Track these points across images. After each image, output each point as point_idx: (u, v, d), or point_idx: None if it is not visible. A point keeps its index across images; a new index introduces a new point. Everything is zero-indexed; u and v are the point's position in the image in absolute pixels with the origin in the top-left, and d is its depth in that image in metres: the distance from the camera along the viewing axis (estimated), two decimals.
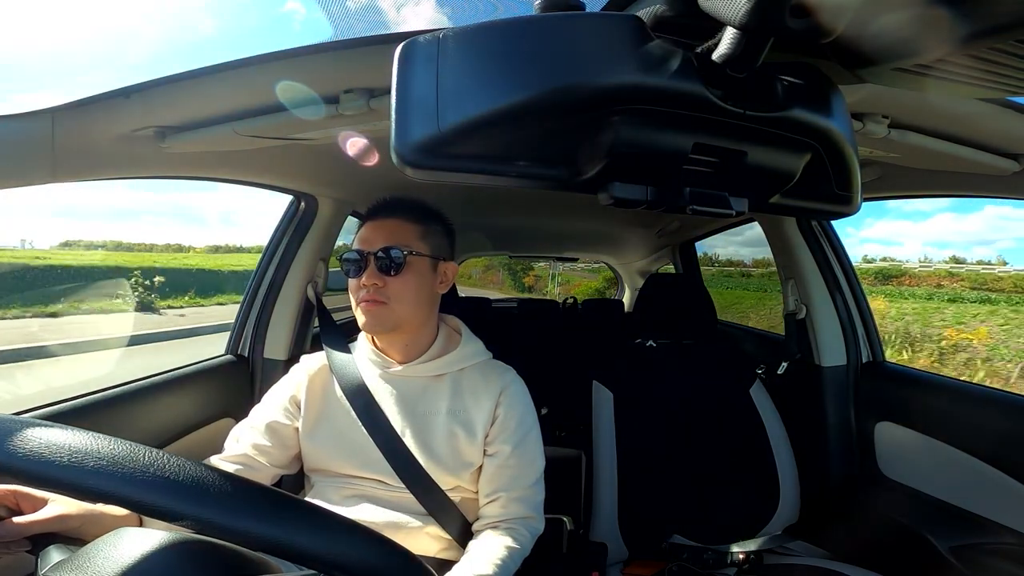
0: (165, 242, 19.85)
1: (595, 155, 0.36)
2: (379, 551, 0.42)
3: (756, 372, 1.47)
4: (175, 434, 1.19)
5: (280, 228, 1.54)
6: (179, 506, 0.38)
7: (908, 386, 1.36)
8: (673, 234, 2.83)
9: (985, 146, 0.91)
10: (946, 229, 29.19)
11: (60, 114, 0.75)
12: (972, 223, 28.34)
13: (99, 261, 11.57)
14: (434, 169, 0.33)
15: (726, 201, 0.40)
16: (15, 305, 6.44)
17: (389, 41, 0.66)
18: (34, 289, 7.20)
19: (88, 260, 11.05)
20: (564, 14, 0.33)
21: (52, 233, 35.88)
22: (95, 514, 0.58)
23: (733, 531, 1.29)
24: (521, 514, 0.95)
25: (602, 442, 1.34)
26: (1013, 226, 21.37)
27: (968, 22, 0.29)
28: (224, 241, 27.80)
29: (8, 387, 3.73)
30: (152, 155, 0.93)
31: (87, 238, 16.66)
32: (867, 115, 0.83)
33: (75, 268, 8.90)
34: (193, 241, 26.64)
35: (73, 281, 7.59)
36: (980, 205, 43.84)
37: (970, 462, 1.14)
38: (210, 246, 18.23)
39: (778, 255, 1.58)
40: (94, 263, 11.03)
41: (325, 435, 0.98)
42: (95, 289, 7.68)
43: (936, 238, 30.25)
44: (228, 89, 0.78)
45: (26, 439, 0.38)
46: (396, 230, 0.96)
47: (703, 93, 0.34)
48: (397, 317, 0.95)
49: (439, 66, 0.32)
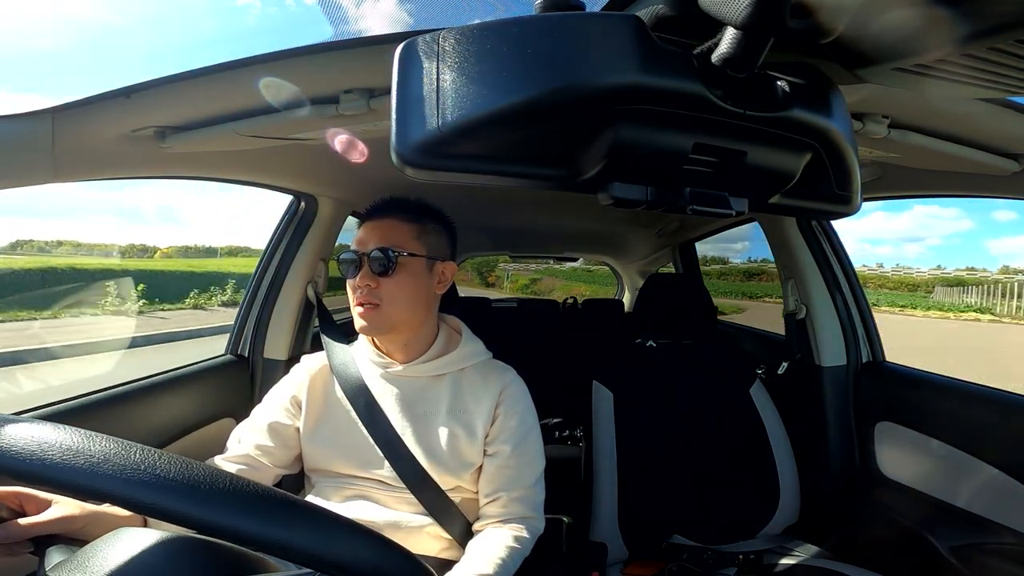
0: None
1: (595, 155, 0.36)
2: (379, 551, 0.42)
3: (756, 372, 1.47)
4: (175, 434, 1.19)
5: (280, 228, 1.54)
6: (181, 507, 0.38)
7: (908, 386, 1.36)
8: (673, 234, 2.83)
9: (985, 146, 0.91)
10: (880, 227, 29.62)
11: (60, 114, 0.75)
12: (903, 221, 28.77)
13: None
14: (434, 169, 0.33)
15: (726, 201, 0.40)
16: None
17: (389, 41, 0.67)
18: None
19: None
20: (564, 14, 0.33)
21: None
22: (99, 515, 0.58)
23: (733, 531, 1.29)
24: (521, 514, 0.95)
25: (602, 442, 1.34)
26: (939, 224, 22.00)
27: (968, 22, 0.29)
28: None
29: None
30: (152, 155, 0.93)
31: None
32: (867, 115, 0.83)
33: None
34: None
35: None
36: (910, 205, 44.86)
37: (970, 462, 1.14)
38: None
39: (778, 255, 1.58)
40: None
41: (326, 435, 0.98)
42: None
43: (872, 235, 30.56)
44: (228, 89, 0.78)
45: (27, 439, 0.38)
46: (391, 231, 0.96)
47: (703, 93, 0.34)
48: (390, 319, 0.95)
49: (439, 66, 0.32)
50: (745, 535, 1.29)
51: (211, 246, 16.85)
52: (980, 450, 1.13)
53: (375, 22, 0.71)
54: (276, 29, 34.28)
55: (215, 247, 16.06)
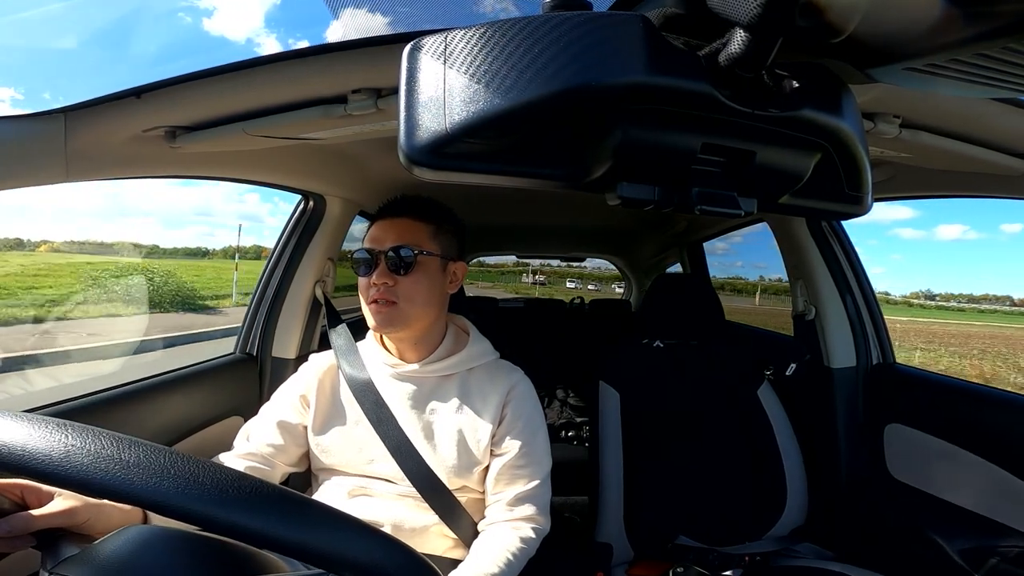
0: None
1: (603, 155, 0.36)
2: (385, 550, 0.42)
3: (764, 373, 1.47)
4: (184, 432, 1.20)
5: (289, 227, 1.55)
6: (189, 504, 0.38)
7: (919, 388, 1.34)
8: (681, 234, 2.82)
9: (997, 146, 0.90)
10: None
11: (72, 114, 0.76)
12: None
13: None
14: (441, 169, 0.33)
15: (735, 201, 0.40)
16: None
17: (396, 41, 0.67)
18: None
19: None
20: (571, 14, 0.33)
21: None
22: (102, 509, 0.59)
23: (740, 532, 1.28)
24: (527, 514, 0.95)
25: (608, 442, 1.33)
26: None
27: (981, 21, 0.28)
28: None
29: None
30: (163, 155, 0.94)
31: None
32: (878, 115, 0.82)
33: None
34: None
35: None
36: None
37: (981, 465, 1.13)
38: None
39: (787, 255, 1.57)
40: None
41: (334, 434, 0.98)
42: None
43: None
44: (238, 89, 0.79)
45: (34, 436, 0.39)
46: (407, 229, 0.96)
47: (712, 93, 0.34)
48: (406, 317, 0.95)
49: (446, 66, 0.33)
50: (752, 536, 1.28)
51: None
52: (991, 453, 1.12)
53: (383, 22, 0.71)
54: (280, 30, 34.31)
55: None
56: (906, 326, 35.27)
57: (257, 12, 35.26)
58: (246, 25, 50.71)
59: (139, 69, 28.58)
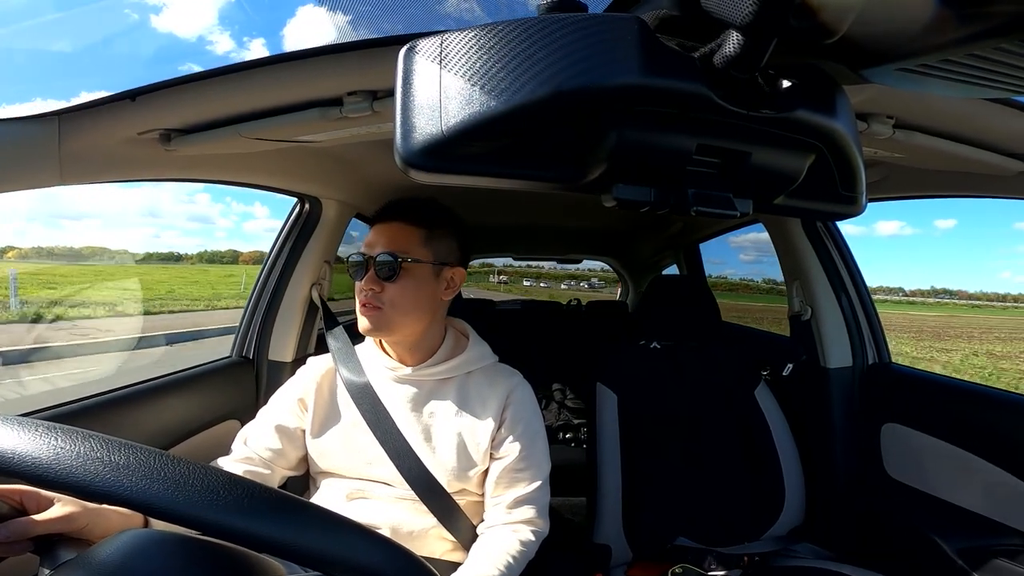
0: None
1: (598, 156, 0.36)
2: (383, 554, 0.42)
3: (761, 374, 1.47)
4: (180, 435, 1.19)
5: (285, 231, 1.54)
6: (179, 507, 0.38)
7: (915, 388, 1.35)
8: (677, 236, 2.82)
9: (991, 146, 0.91)
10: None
11: (66, 117, 0.75)
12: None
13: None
14: (437, 171, 0.33)
15: (730, 202, 0.40)
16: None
17: (392, 43, 0.67)
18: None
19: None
20: (566, 16, 0.33)
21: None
22: (101, 514, 0.58)
23: (738, 533, 1.28)
24: (526, 517, 0.95)
25: (606, 444, 1.33)
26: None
27: (973, 22, 0.28)
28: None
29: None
30: (157, 158, 0.94)
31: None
32: (872, 115, 0.83)
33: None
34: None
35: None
36: None
37: (977, 464, 1.13)
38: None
39: (783, 256, 1.57)
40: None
41: (331, 437, 0.98)
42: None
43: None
44: (233, 92, 0.79)
45: (31, 440, 0.39)
46: (398, 235, 0.95)
47: (706, 94, 0.34)
48: (392, 323, 0.94)
49: (442, 68, 0.32)
50: (750, 537, 1.28)
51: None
52: (987, 452, 1.12)
53: (378, 24, 0.71)
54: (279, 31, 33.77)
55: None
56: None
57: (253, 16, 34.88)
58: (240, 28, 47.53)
59: (132, 72, 28.09)
